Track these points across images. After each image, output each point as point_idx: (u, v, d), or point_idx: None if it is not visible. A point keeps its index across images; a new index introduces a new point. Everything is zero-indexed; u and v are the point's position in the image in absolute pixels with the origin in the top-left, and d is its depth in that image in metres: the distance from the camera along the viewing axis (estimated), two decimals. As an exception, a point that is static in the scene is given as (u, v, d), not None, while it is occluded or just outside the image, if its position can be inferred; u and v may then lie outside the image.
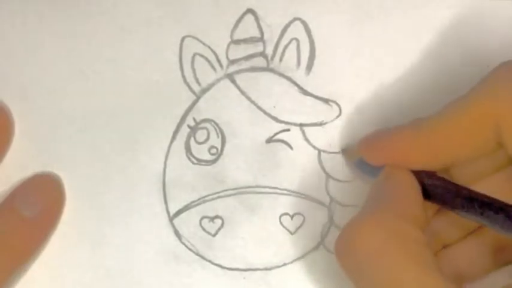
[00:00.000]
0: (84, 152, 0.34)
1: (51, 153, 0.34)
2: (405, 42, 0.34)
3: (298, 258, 0.34)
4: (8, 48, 0.34)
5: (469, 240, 0.32)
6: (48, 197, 0.33)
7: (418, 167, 0.30)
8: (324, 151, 0.34)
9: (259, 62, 0.34)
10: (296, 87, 0.34)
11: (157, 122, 0.34)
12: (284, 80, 0.34)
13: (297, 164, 0.34)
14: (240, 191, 0.34)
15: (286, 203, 0.34)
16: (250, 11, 0.34)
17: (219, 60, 0.34)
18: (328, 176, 0.34)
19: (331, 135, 0.34)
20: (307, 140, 0.34)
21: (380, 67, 0.34)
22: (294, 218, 0.34)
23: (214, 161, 0.34)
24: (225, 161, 0.34)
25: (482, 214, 0.28)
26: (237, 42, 0.34)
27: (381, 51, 0.34)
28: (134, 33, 0.34)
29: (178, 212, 0.34)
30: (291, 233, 0.34)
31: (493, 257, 0.32)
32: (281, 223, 0.34)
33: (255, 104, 0.34)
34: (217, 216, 0.34)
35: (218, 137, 0.34)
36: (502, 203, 0.28)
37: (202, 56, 0.34)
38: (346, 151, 0.34)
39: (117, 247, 0.34)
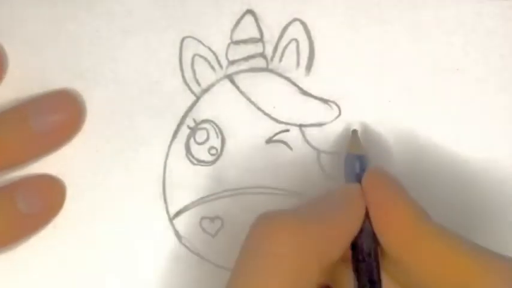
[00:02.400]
0: (83, 152, 0.34)
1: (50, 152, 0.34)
2: (404, 42, 0.34)
3: (298, 258, 0.34)
4: (7, 49, 0.34)
5: None
6: (48, 202, 0.33)
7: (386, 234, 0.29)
8: (324, 152, 0.34)
9: (259, 62, 0.34)
10: (296, 88, 0.34)
11: (157, 122, 0.34)
12: (283, 81, 0.34)
13: (297, 165, 0.34)
14: (239, 191, 0.34)
15: (285, 204, 0.34)
16: (249, 11, 0.34)
17: (218, 61, 0.34)
18: (328, 176, 0.34)
19: (331, 136, 0.34)
20: (306, 140, 0.34)
21: (379, 67, 0.34)
22: (294, 218, 0.34)
23: (214, 162, 0.34)
24: (224, 162, 0.34)
25: None
26: (237, 42, 0.34)
27: (380, 51, 0.34)
28: (134, 33, 0.34)
29: (178, 213, 0.34)
30: (291, 233, 0.34)
31: None
32: (281, 223, 0.34)
33: (255, 105, 0.34)
34: (217, 217, 0.34)
35: (218, 137, 0.34)
36: None
37: (202, 56, 0.34)
38: (355, 136, 0.33)
39: (117, 247, 0.34)
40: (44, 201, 0.33)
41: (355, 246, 0.29)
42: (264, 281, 0.26)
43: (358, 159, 0.32)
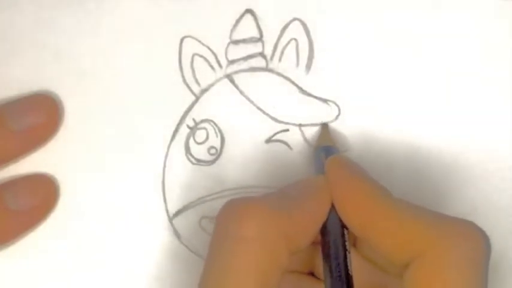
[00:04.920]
0: (83, 151, 0.34)
1: (51, 152, 0.34)
2: (404, 42, 0.34)
3: (298, 258, 0.34)
4: (7, 48, 0.34)
5: None
6: (39, 200, 0.33)
7: (351, 219, 0.29)
8: (323, 151, 0.34)
9: (258, 62, 0.34)
10: (295, 88, 0.34)
11: (156, 122, 0.34)
12: (283, 80, 0.34)
13: (297, 164, 0.34)
14: (239, 191, 0.34)
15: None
16: (249, 11, 0.34)
17: (218, 61, 0.34)
18: (328, 176, 0.34)
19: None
20: (306, 140, 0.34)
21: (379, 67, 0.34)
22: (293, 217, 0.34)
23: (213, 161, 0.34)
24: (224, 161, 0.34)
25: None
26: (236, 42, 0.34)
27: (380, 51, 0.34)
28: (134, 33, 0.34)
29: (178, 212, 0.34)
30: (290, 233, 0.34)
31: None
32: (280, 223, 0.34)
33: (254, 104, 0.34)
34: (216, 216, 0.34)
35: (217, 137, 0.34)
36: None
37: (201, 56, 0.34)
38: (324, 129, 0.33)
39: (117, 247, 0.34)
40: (35, 199, 0.33)
41: (323, 232, 0.30)
42: (233, 264, 0.27)
43: (324, 150, 0.32)
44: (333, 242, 0.29)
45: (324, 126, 0.33)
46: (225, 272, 0.27)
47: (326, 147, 0.32)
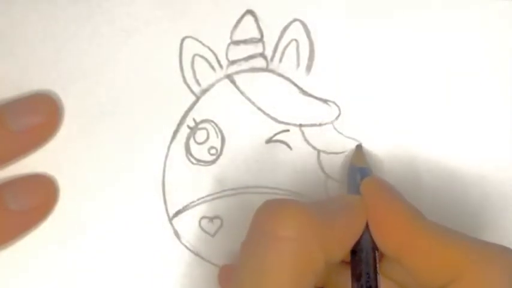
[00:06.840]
0: (83, 151, 0.34)
1: (51, 152, 0.34)
2: (405, 43, 0.34)
3: (297, 258, 0.34)
4: (7, 48, 0.34)
5: None
6: (39, 200, 0.33)
7: (387, 241, 0.29)
8: (324, 151, 0.34)
9: (259, 62, 0.34)
10: (295, 88, 0.34)
11: (157, 122, 0.34)
12: (283, 81, 0.34)
13: (297, 165, 0.34)
14: (239, 191, 0.34)
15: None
16: (249, 11, 0.34)
17: (218, 61, 0.34)
18: (328, 176, 0.34)
19: (331, 136, 0.34)
20: (306, 140, 0.34)
21: (379, 67, 0.34)
22: (293, 218, 0.34)
23: (213, 162, 0.34)
24: (224, 162, 0.34)
25: None
26: (237, 43, 0.34)
27: (380, 52, 0.34)
28: (134, 33, 0.34)
29: (178, 213, 0.34)
30: (290, 233, 0.34)
31: None
32: (280, 223, 0.34)
33: (255, 105, 0.34)
34: (216, 217, 0.34)
35: (218, 137, 0.34)
36: None
37: (202, 56, 0.34)
38: (359, 150, 0.34)
39: (117, 247, 0.34)
40: (35, 199, 0.33)
41: (354, 251, 0.30)
42: (269, 262, 0.26)
43: (359, 171, 0.32)
44: (365, 263, 0.29)
45: (358, 147, 0.33)
46: (260, 269, 0.26)
47: (361, 168, 0.32)
